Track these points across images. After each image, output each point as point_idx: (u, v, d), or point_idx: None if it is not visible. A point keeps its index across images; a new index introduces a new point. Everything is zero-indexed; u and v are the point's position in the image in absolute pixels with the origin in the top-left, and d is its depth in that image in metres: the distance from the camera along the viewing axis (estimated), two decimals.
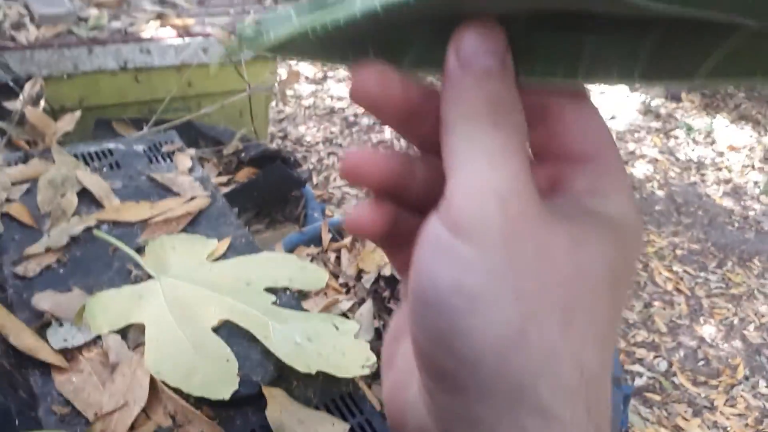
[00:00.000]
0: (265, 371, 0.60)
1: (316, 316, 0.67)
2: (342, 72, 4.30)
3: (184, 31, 1.82)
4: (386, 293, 1.15)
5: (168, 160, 0.89)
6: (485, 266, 0.20)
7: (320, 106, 3.95)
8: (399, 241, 0.27)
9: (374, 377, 0.82)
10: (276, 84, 1.64)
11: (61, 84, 1.74)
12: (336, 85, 4.13)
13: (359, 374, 0.61)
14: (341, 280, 1.16)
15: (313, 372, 0.58)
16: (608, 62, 0.23)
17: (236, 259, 0.73)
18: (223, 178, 1.70)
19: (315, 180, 3.33)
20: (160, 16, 1.87)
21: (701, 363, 2.42)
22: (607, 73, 0.23)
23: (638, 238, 0.24)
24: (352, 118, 3.89)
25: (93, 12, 1.83)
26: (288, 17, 0.23)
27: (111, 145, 0.89)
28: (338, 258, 1.21)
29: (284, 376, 0.61)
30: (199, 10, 1.98)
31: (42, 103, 1.49)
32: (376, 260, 1.19)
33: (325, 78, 4.22)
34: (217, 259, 0.73)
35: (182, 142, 0.93)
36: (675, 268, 2.88)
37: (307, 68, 4.30)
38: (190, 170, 0.87)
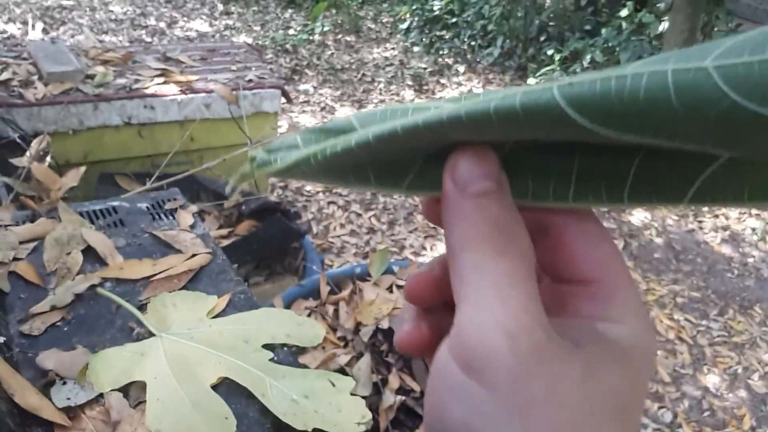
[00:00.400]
0: (262, 429, 0.61)
1: (313, 373, 0.68)
2: None
3: (188, 88, 1.87)
4: (384, 347, 1.16)
5: (170, 217, 0.91)
6: (495, 408, 0.20)
7: None
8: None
9: None
10: (276, 138, 1.68)
11: (67, 140, 1.79)
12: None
13: (356, 431, 0.62)
14: (339, 334, 1.17)
15: (310, 430, 0.59)
16: (597, 184, 0.23)
17: (235, 315, 0.74)
18: (224, 231, 1.73)
19: (315, 229, 3.35)
20: (163, 73, 1.93)
21: (706, 414, 2.39)
22: (597, 196, 0.23)
23: (651, 360, 0.24)
24: None
25: (99, 69, 1.89)
26: (294, 144, 0.25)
27: (115, 203, 0.92)
28: (336, 311, 1.23)
29: None
30: (202, 68, 2.04)
31: (48, 159, 1.53)
32: (374, 313, 1.20)
33: None
34: (216, 316, 0.74)
35: (185, 199, 0.96)
36: (676, 317, 2.87)
37: (307, 119, 4.37)
38: (192, 227, 0.90)
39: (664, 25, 4.15)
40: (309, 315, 1.19)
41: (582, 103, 0.18)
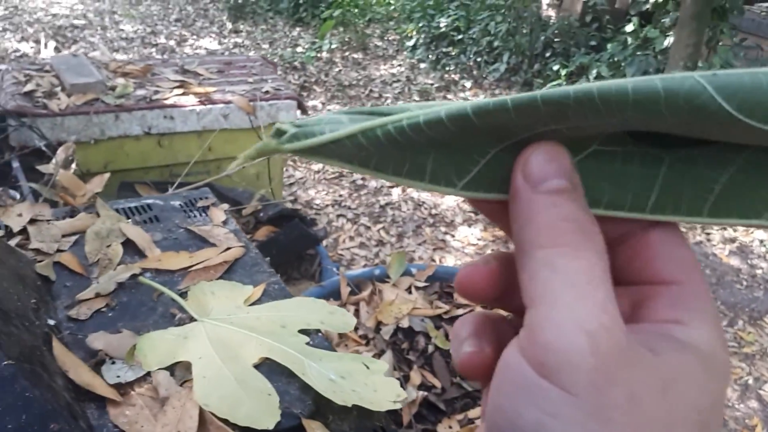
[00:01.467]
0: (304, 405, 0.64)
1: (348, 356, 0.71)
2: None
3: (206, 99, 1.92)
4: (405, 345, 1.19)
5: (203, 214, 0.94)
6: (574, 412, 0.19)
7: (329, 170, 4.05)
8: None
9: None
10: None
11: (88, 149, 1.83)
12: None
13: (391, 408, 0.65)
14: (360, 332, 1.20)
15: (350, 405, 0.62)
16: (679, 197, 0.23)
17: (271, 303, 0.77)
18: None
19: (325, 242, 3.38)
20: (182, 85, 1.98)
21: None
22: (676, 209, 0.23)
23: (726, 370, 0.23)
24: (360, 182, 3.98)
25: (120, 81, 1.94)
26: (338, 121, 0.23)
27: (149, 201, 0.96)
28: (357, 311, 1.25)
29: (321, 410, 0.64)
30: (219, 80, 2.09)
31: (73, 166, 1.57)
32: (394, 313, 1.23)
33: None
34: (252, 304, 0.77)
35: (215, 198, 0.99)
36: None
37: None
38: (224, 223, 0.93)
39: (669, 40, 4.20)
40: None
41: (730, 91, 0.18)
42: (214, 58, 2.30)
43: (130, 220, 0.89)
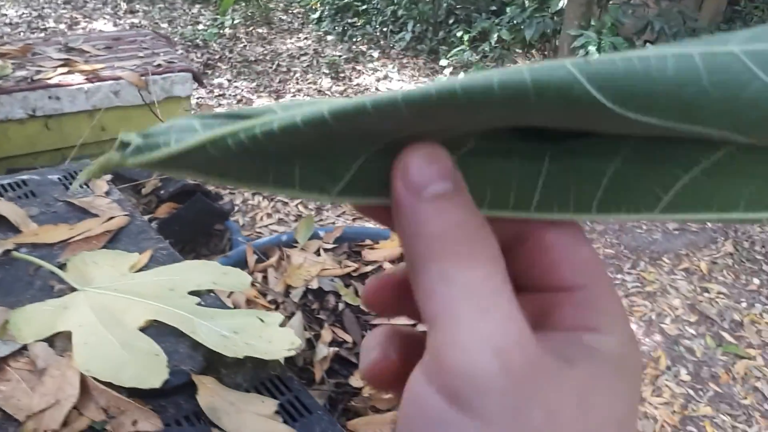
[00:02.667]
0: (194, 362, 0.63)
1: (242, 312, 0.70)
2: None
3: (94, 76, 1.82)
4: (315, 305, 1.19)
5: (84, 186, 0.90)
6: None
7: None
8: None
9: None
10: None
11: None
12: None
13: (286, 356, 0.65)
14: (270, 297, 1.19)
15: (241, 357, 0.61)
16: (566, 193, 0.22)
17: (159, 268, 0.75)
18: (144, 217, 1.70)
19: (241, 221, 3.32)
20: (67, 63, 1.87)
21: None
22: (563, 206, 0.22)
23: (639, 371, 0.22)
24: None
25: None
26: (190, 128, 0.20)
27: (25, 177, 0.90)
28: (265, 278, 1.24)
29: (213, 365, 0.64)
30: (107, 56, 1.99)
31: None
32: (303, 275, 1.22)
33: None
34: (139, 270, 0.75)
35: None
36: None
37: (231, 104, 4.30)
38: (107, 193, 0.89)
39: (564, 1, 4.34)
40: None
41: (603, 80, 0.17)
42: (101, 35, 2.19)
43: (2, 198, 0.84)
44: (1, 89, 1.71)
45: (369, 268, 1.28)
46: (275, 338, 0.67)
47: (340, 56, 5.19)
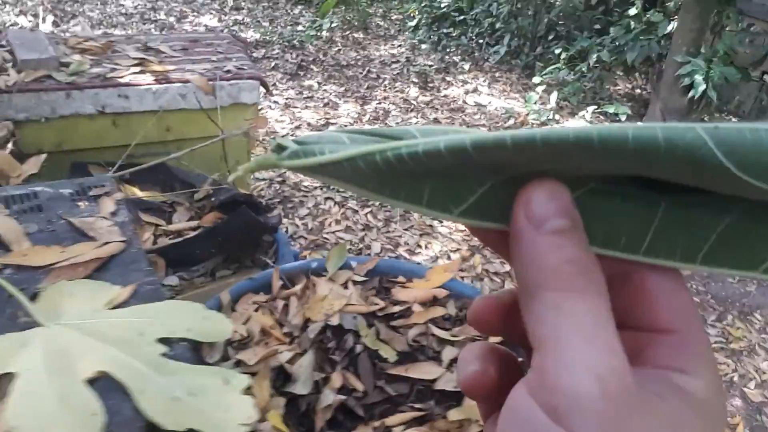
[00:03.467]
0: (133, 428, 0.57)
1: (208, 370, 0.64)
2: (343, 119, 4.34)
3: (163, 77, 1.85)
4: (332, 344, 1.12)
5: (94, 203, 0.88)
6: None
7: None
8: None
9: None
10: (244, 129, 1.65)
11: (40, 128, 1.77)
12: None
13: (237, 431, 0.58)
14: (286, 329, 1.13)
15: (183, 430, 0.55)
16: (674, 242, 0.23)
17: (136, 307, 0.70)
18: (193, 223, 1.70)
19: (310, 225, 3.32)
20: (141, 63, 1.91)
21: None
22: (670, 253, 0.23)
23: (724, 417, 0.23)
24: None
25: (76, 58, 1.87)
26: (339, 141, 0.23)
27: (38, 188, 0.89)
28: (287, 306, 1.18)
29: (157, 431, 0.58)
30: (182, 58, 2.01)
31: (9, 146, 1.51)
32: (324, 309, 1.16)
33: (327, 124, 4.25)
34: (116, 307, 0.71)
35: (113, 186, 0.92)
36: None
37: (309, 114, 4.34)
38: (113, 214, 0.86)
39: (673, 25, 4.06)
40: (256, 310, 1.15)
41: (730, 146, 0.18)
42: (180, 35, 2.22)
43: (8, 210, 0.82)
44: (74, 85, 1.76)
45: (396, 308, 1.19)
46: (234, 406, 0.60)
47: (431, 66, 5.12)
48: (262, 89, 1.98)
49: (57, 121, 1.78)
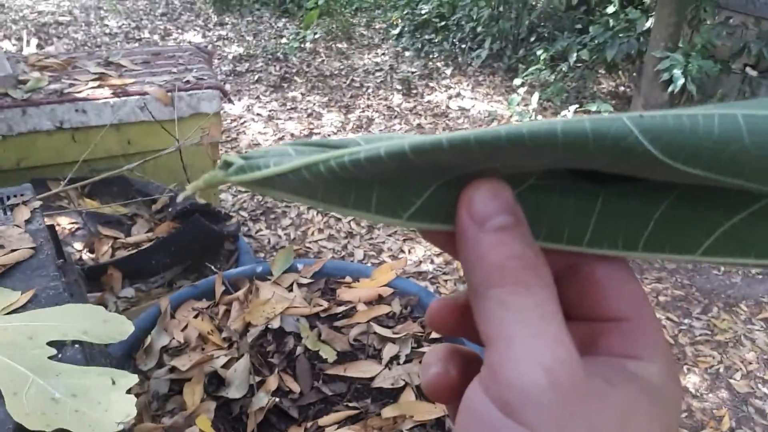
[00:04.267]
0: (2, 430, 0.57)
1: (95, 371, 0.64)
2: (327, 129, 4.34)
3: (121, 90, 1.85)
4: (271, 347, 1.11)
5: (9, 212, 0.87)
6: None
7: None
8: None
9: None
10: (200, 138, 1.65)
11: None
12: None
13: (112, 431, 0.57)
14: (225, 335, 1.12)
15: (49, 431, 0.55)
16: (616, 231, 0.23)
17: (32, 312, 0.70)
18: (151, 234, 1.70)
19: (293, 234, 3.32)
20: (99, 77, 1.91)
21: (684, 415, 2.29)
22: (613, 243, 0.24)
23: (678, 404, 0.24)
24: None
25: (34, 75, 1.88)
26: (285, 153, 0.23)
27: None
28: (228, 311, 1.18)
29: None
30: (142, 70, 2.02)
31: None
32: (266, 313, 1.15)
33: (310, 135, 4.26)
34: (13, 311, 0.70)
35: (33, 195, 0.92)
36: (658, 315, 2.77)
37: (293, 126, 4.35)
38: (27, 222, 0.86)
39: (651, 21, 4.06)
40: (196, 317, 1.15)
41: (654, 133, 0.19)
42: (143, 49, 2.23)
43: None
44: (31, 102, 1.76)
45: (341, 308, 1.18)
46: (114, 406, 0.59)
47: (414, 72, 5.13)
48: (223, 99, 1.98)
49: (15, 138, 1.78)
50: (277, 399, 0.99)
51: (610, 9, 4.32)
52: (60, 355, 0.65)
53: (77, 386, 0.61)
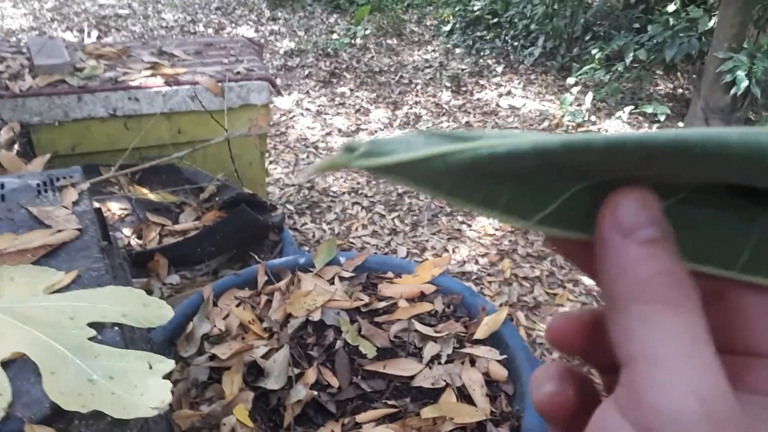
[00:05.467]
0: (39, 408, 0.56)
1: (133, 354, 0.63)
2: (374, 125, 4.34)
3: (173, 80, 1.87)
4: (311, 339, 1.09)
5: (57, 193, 0.88)
6: None
7: None
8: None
9: None
10: (248, 128, 1.65)
11: (54, 131, 1.81)
12: (368, 138, 4.15)
13: (147, 415, 0.56)
14: (266, 325, 1.11)
15: (84, 412, 0.54)
16: None
17: (73, 292, 0.70)
18: (198, 223, 1.71)
19: (337, 230, 3.32)
20: (153, 66, 1.94)
21: None
22: None
23: None
24: None
25: (90, 63, 1.92)
26: (414, 141, 0.22)
27: (6, 179, 0.90)
28: (270, 301, 1.17)
29: (66, 414, 0.57)
30: (194, 61, 2.04)
31: (16, 147, 1.55)
32: (307, 305, 1.13)
33: (357, 131, 4.26)
34: (57, 291, 0.70)
35: (82, 177, 0.93)
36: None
37: (341, 121, 4.36)
38: (75, 203, 0.86)
39: (714, 20, 3.90)
40: (238, 305, 1.14)
41: None
42: (196, 39, 2.25)
43: None
44: (87, 89, 1.80)
45: (382, 304, 1.16)
46: (150, 390, 0.59)
47: (464, 70, 5.07)
48: (272, 91, 1.99)
49: (70, 124, 1.82)
50: (316, 392, 0.98)
51: (671, 7, 4.17)
52: (100, 337, 0.65)
53: (115, 369, 0.60)
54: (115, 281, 0.79)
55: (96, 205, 1.06)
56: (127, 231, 1.68)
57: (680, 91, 4.81)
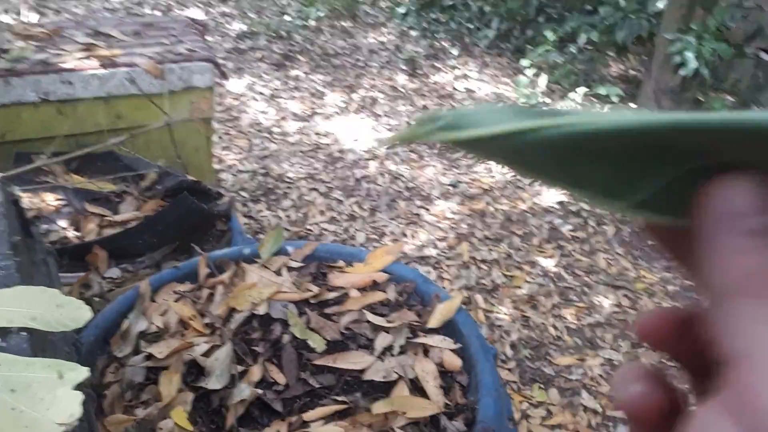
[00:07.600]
0: None
1: (41, 362, 0.56)
2: (329, 109, 4.26)
3: (109, 62, 1.76)
4: (256, 335, 1.03)
5: None
6: None
7: (306, 143, 3.89)
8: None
9: None
10: (191, 113, 1.57)
11: None
12: (323, 122, 4.07)
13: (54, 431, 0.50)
14: (207, 320, 1.05)
15: None
16: None
17: None
18: (140, 213, 1.62)
19: (293, 216, 3.24)
20: (87, 48, 1.82)
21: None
22: None
23: None
24: (336, 154, 3.82)
25: (18, 44, 1.79)
26: (499, 114, 0.21)
27: None
28: (212, 295, 1.10)
29: None
30: (132, 41, 1.93)
31: None
32: (252, 298, 1.07)
33: (313, 115, 4.17)
34: None
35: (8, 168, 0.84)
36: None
37: (296, 105, 4.27)
38: None
39: (663, 2, 3.94)
40: (177, 300, 1.07)
41: None
42: (135, 20, 2.14)
43: None
44: (14, 72, 1.68)
45: (332, 294, 1.11)
46: (58, 403, 0.52)
47: (419, 53, 5.01)
48: (216, 73, 1.89)
49: None
50: (260, 391, 0.92)
51: None
52: (4, 344, 0.58)
53: (18, 380, 0.54)
54: (32, 280, 0.72)
55: (20, 195, 0.97)
56: (63, 223, 1.58)
57: (632, 72, 4.86)
